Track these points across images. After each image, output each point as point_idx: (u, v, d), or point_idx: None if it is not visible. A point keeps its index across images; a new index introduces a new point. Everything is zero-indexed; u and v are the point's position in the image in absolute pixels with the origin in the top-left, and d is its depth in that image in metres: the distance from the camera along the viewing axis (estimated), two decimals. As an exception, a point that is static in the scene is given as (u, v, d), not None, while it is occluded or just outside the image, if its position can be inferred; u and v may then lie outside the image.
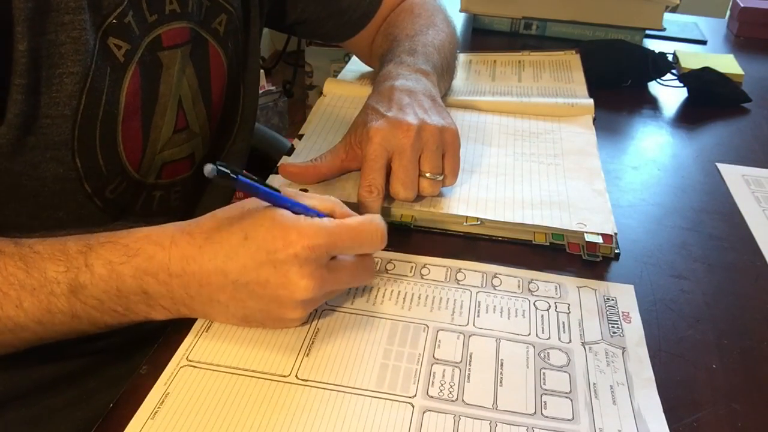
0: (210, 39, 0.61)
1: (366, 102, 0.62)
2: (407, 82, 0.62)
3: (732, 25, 1.18)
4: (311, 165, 0.61)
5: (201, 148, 0.64)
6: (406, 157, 0.56)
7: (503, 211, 0.59)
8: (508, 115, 0.75)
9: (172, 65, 0.57)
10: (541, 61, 0.92)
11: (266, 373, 0.43)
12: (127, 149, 0.56)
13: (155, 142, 0.58)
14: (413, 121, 0.56)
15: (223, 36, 0.62)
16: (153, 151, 0.59)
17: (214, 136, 0.65)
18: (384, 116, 0.57)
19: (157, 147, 0.59)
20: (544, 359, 0.46)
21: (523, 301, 0.51)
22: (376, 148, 0.55)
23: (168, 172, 0.61)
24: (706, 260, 0.58)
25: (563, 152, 0.69)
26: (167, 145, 0.60)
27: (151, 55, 0.55)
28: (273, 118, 2.23)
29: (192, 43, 0.59)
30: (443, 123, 0.58)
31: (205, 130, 0.63)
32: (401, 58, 0.67)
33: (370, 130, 0.56)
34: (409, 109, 0.58)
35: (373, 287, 0.51)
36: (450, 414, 0.41)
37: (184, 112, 0.60)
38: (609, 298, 0.52)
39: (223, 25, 0.62)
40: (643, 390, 0.44)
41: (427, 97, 0.61)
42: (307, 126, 0.72)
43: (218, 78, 0.63)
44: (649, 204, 0.65)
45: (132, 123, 0.55)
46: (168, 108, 0.58)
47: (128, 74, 0.53)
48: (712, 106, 0.87)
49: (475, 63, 0.93)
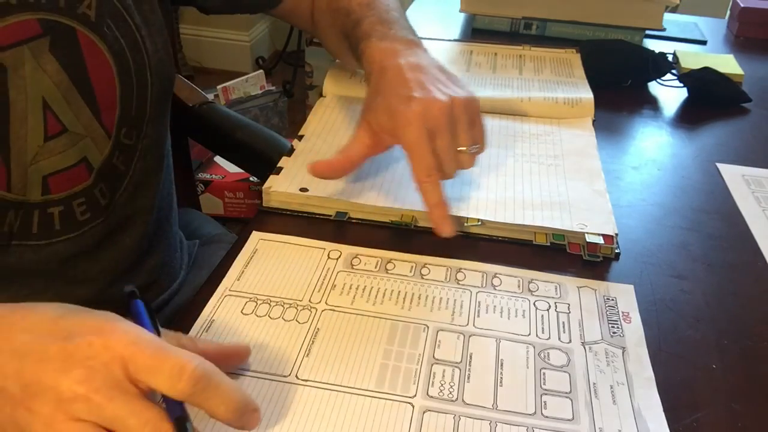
0: (78, 26, 0.53)
1: (377, 86, 0.59)
2: (409, 57, 0.60)
3: (732, 25, 1.18)
4: (341, 157, 0.58)
5: (96, 151, 0.57)
6: (446, 136, 0.54)
7: (504, 212, 0.59)
8: (508, 118, 0.75)
9: (20, 65, 0.50)
10: (542, 56, 0.93)
11: (266, 373, 0.43)
12: None
13: (21, 154, 0.52)
14: (443, 98, 0.55)
15: (95, 21, 0.54)
16: (21, 164, 0.52)
17: (117, 134, 0.58)
18: (413, 98, 0.55)
19: (26, 159, 0.52)
20: (544, 359, 0.46)
21: (523, 301, 0.51)
22: (419, 133, 0.53)
23: (58, 184, 0.55)
24: (706, 260, 0.58)
25: (563, 153, 0.69)
26: (41, 155, 0.53)
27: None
28: (273, 118, 2.23)
29: (49, 35, 0.51)
30: (467, 94, 0.57)
31: (95, 130, 0.56)
32: (381, 32, 0.64)
33: (408, 115, 0.54)
34: (431, 86, 0.56)
35: (373, 287, 0.51)
36: (450, 414, 0.41)
37: (54, 115, 0.53)
38: (609, 298, 0.52)
39: (93, 9, 0.54)
40: (643, 390, 0.44)
41: (436, 68, 0.60)
42: (307, 127, 0.72)
43: (100, 68, 0.55)
44: (649, 204, 0.65)
45: None
46: (29, 113, 0.51)
47: None
48: (712, 106, 0.87)
49: (476, 54, 0.93)
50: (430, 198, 0.54)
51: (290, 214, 0.60)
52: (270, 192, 0.60)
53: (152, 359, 0.35)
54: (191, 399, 0.36)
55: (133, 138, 0.60)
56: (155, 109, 0.61)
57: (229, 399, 0.36)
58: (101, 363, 0.35)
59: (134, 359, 0.35)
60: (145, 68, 0.59)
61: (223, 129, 0.91)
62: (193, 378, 0.35)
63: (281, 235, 0.57)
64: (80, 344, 0.36)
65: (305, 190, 0.60)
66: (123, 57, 0.57)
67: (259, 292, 0.51)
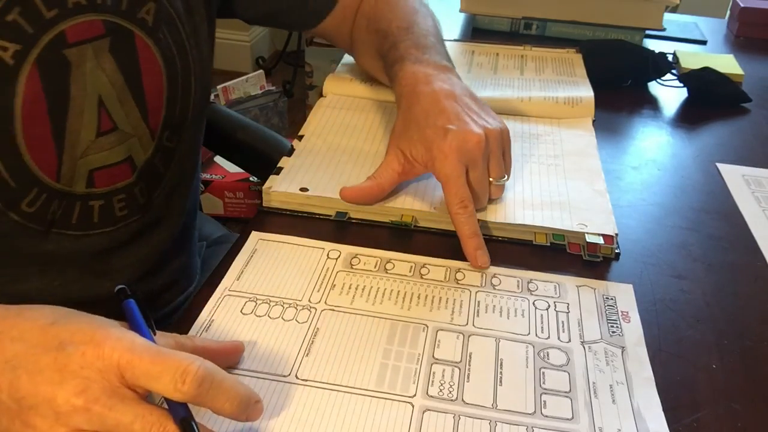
0: (136, 30, 0.56)
1: (409, 112, 0.60)
2: (443, 84, 0.61)
3: (732, 25, 1.18)
4: (372, 183, 0.59)
5: (140, 151, 0.59)
6: (480, 169, 0.56)
7: (504, 212, 0.59)
8: (508, 118, 0.75)
9: (83, 63, 0.52)
10: (544, 56, 0.93)
11: (266, 373, 0.43)
12: (37, 158, 0.52)
13: (74, 147, 0.54)
14: (479, 131, 0.56)
15: (152, 26, 0.57)
16: (72, 156, 0.54)
17: (160, 136, 0.60)
18: (448, 131, 0.56)
19: (77, 152, 0.54)
20: (544, 359, 0.46)
21: (523, 301, 0.51)
22: (456, 165, 0.55)
23: (102, 179, 0.57)
24: (706, 260, 0.58)
25: (563, 153, 0.69)
26: (91, 150, 0.55)
27: (54, 54, 0.51)
28: (273, 118, 2.23)
29: (110, 36, 0.54)
30: (500, 125, 0.59)
31: (141, 130, 0.58)
32: (416, 56, 0.65)
33: (444, 149, 0.55)
34: (466, 117, 0.58)
35: (372, 287, 0.51)
36: (450, 413, 0.41)
37: (107, 112, 0.55)
38: (608, 298, 0.52)
39: (151, 15, 0.56)
40: (643, 389, 0.44)
41: (468, 97, 0.61)
42: (307, 127, 0.72)
43: (152, 72, 0.58)
44: (649, 204, 0.65)
45: (38, 129, 0.51)
46: (85, 109, 0.54)
47: (21, 78, 0.49)
48: (712, 106, 0.87)
49: (478, 54, 0.93)
50: (465, 229, 0.55)
51: (290, 214, 0.60)
52: (270, 192, 0.60)
53: (152, 365, 0.36)
54: (196, 400, 0.36)
55: (174, 141, 0.62)
56: (195, 114, 0.64)
57: (233, 395, 0.37)
58: (96, 372, 0.36)
59: (131, 366, 0.36)
60: (190, 75, 0.61)
61: (223, 129, 0.91)
62: (197, 379, 0.35)
63: (281, 235, 0.57)
64: (73, 354, 0.36)
65: (305, 190, 0.60)
66: (173, 63, 0.59)
67: (259, 292, 0.51)
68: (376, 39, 0.72)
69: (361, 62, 0.80)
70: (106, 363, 0.36)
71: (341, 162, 0.65)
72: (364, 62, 0.79)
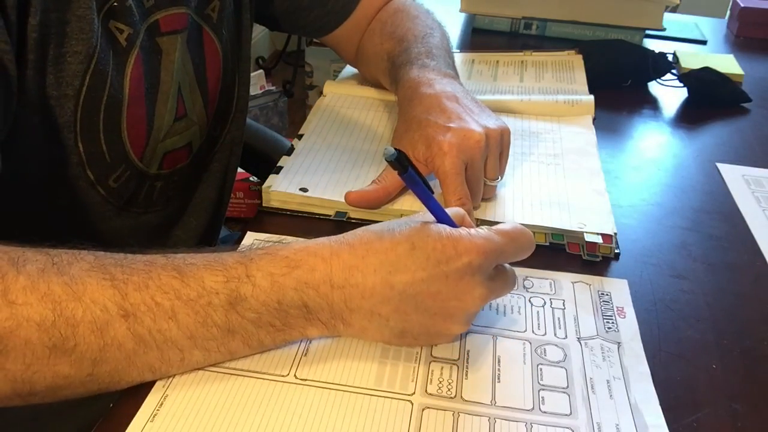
0: (204, 25, 0.60)
1: (411, 113, 0.60)
2: (445, 87, 0.62)
3: (732, 25, 1.18)
4: (378, 187, 0.59)
5: (198, 138, 0.64)
6: (477, 167, 0.57)
7: (503, 211, 0.59)
8: (508, 115, 0.75)
9: (172, 51, 0.57)
10: (544, 61, 0.92)
11: (265, 373, 0.43)
12: (131, 137, 0.55)
13: (158, 130, 0.58)
14: (479, 129, 0.57)
15: (216, 23, 0.61)
16: (156, 139, 0.58)
17: (211, 125, 0.65)
18: (449, 128, 0.56)
19: (160, 135, 0.58)
20: (541, 355, 0.46)
21: (519, 298, 0.51)
22: (455, 162, 0.55)
23: (168, 161, 0.61)
24: (706, 260, 0.58)
25: (563, 152, 0.69)
26: (168, 134, 0.60)
27: (151, 41, 0.55)
28: (273, 118, 2.23)
29: (188, 29, 0.58)
30: (500, 125, 0.59)
31: (202, 118, 0.63)
32: (423, 62, 0.67)
33: (444, 145, 0.55)
34: (467, 117, 0.58)
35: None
36: (449, 411, 0.41)
37: (183, 99, 0.60)
38: (603, 293, 0.52)
39: (216, 12, 0.61)
40: (640, 384, 0.44)
41: (470, 100, 0.62)
42: (307, 126, 0.72)
43: (213, 66, 0.63)
44: (649, 204, 0.65)
45: (136, 110, 0.55)
46: (169, 95, 0.58)
47: (131, 59, 0.53)
48: (712, 106, 0.87)
49: (478, 63, 0.93)
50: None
51: (290, 214, 0.60)
52: (270, 191, 0.60)
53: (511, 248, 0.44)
54: None
55: (218, 131, 0.67)
56: (238, 108, 0.68)
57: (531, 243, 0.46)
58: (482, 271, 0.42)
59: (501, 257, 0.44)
60: (237, 70, 0.67)
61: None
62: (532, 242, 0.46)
63: (275, 235, 0.57)
64: (460, 268, 0.42)
65: (305, 190, 0.60)
66: (228, 58, 0.64)
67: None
68: (390, 43, 0.73)
69: (364, 70, 0.81)
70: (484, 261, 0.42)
71: (341, 161, 0.65)
72: (367, 69, 0.80)
